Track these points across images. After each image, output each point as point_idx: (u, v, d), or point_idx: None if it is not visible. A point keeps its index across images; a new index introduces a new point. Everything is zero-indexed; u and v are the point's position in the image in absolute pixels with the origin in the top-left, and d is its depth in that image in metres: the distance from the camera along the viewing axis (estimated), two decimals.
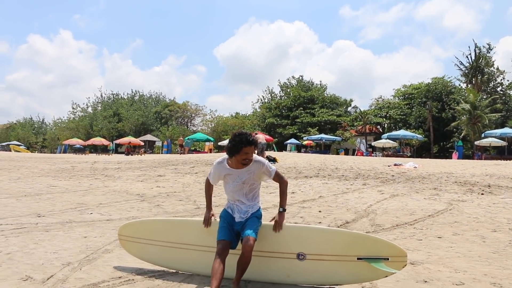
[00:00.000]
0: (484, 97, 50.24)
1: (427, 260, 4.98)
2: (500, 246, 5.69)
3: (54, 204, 8.96)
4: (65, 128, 74.99)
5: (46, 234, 6.07)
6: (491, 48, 54.88)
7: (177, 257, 4.40)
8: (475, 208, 8.55)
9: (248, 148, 3.89)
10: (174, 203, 9.36)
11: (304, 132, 53.96)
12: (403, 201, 9.42)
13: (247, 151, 3.89)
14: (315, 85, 66.25)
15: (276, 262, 4.08)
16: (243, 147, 3.87)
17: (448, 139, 52.21)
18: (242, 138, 3.88)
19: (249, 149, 3.90)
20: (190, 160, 22.13)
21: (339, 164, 20.44)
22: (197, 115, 79.69)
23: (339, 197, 10.03)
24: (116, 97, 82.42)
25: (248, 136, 3.91)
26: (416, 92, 56.17)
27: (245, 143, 3.87)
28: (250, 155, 3.94)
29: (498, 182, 12.78)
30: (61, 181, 13.28)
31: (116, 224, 6.63)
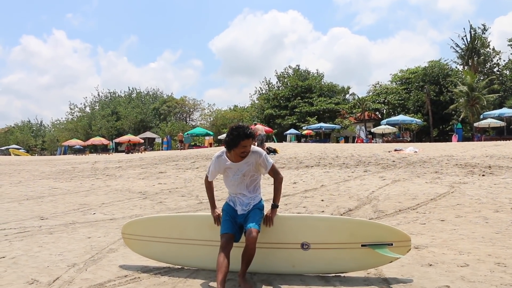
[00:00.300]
0: (481, 78, 50.12)
1: (431, 243, 4.99)
2: (503, 226, 5.71)
3: (56, 206, 8.97)
4: (64, 129, 74.95)
5: (50, 237, 6.08)
6: (486, 29, 54.68)
7: (181, 253, 4.40)
8: (477, 190, 8.57)
9: (246, 141, 3.89)
10: (176, 199, 9.38)
11: (303, 122, 53.92)
12: (405, 186, 9.44)
13: (245, 144, 3.89)
14: (312, 74, 66.10)
15: (280, 253, 4.08)
16: (241, 140, 3.87)
17: (447, 122, 52.17)
18: (239, 132, 3.88)
19: (247, 142, 3.90)
20: (190, 155, 22.14)
21: (339, 152, 20.45)
22: (196, 109, 79.70)
23: (341, 185, 10.04)
24: (113, 96, 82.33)
25: (246, 129, 3.91)
26: (413, 76, 56.11)
27: (242, 137, 3.87)
28: (248, 148, 3.95)
29: (498, 163, 12.79)
30: (62, 183, 13.29)
31: (120, 223, 6.64)
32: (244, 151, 3.93)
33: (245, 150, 3.93)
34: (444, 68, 54.69)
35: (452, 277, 3.82)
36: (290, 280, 3.93)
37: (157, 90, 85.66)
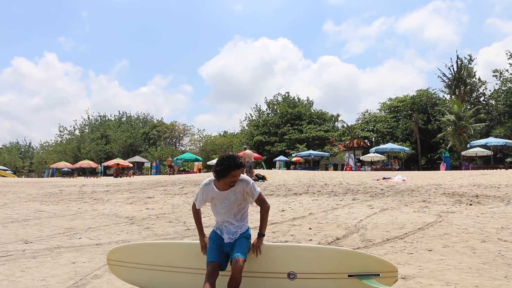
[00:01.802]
0: (468, 107, 50.98)
1: (418, 274, 4.98)
2: (490, 256, 5.72)
3: (41, 229, 8.84)
4: (53, 151, 74.42)
5: (33, 261, 5.98)
6: (472, 59, 55.94)
7: (167, 280, 4.35)
8: (464, 219, 8.60)
9: (236, 171, 3.89)
10: (163, 225, 9.29)
11: (292, 149, 54.12)
12: (393, 215, 9.45)
13: (235, 174, 3.89)
14: (302, 101, 66.67)
15: (267, 282, 4.04)
16: (232, 170, 3.87)
17: (435, 151, 52.70)
18: (230, 162, 3.87)
19: (237, 172, 3.90)
20: (179, 180, 22.03)
21: (328, 179, 20.48)
22: (185, 135, 79.71)
23: (329, 213, 10.03)
24: (103, 119, 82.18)
25: (236, 159, 3.91)
26: (402, 105, 56.87)
27: (233, 167, 3.86)
28: (237, 177, 3.95)
29: (485, 192, 12.88)
30: (48, 206, 13.12)
31: (105, 248, 6.55)
32: (234, 180, 3.93)
33: (235, 179, 3.93)
34: (431, 97, 55.60)
35: None
36: None
37: (147, 115, 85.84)
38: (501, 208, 9.81)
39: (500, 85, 52.34)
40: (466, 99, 54.28)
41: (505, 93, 50.88)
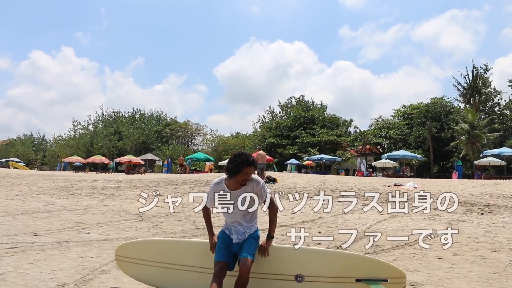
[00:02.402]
0: (482, 117, 50.50)
1: (427, 281, 4.93)
2: (500, 266, 5.65)
3: (51, 223, 8.90)
4: (65, 145, 75.08)
5: (42, 254, 6.02)
6: (488, 69, 55.36)
7: (174, 279, 4.35)
8: (475, 228, 8.51)
9: (248, 168, 3.89)
10: (173, 223, 9.31)
11: (304, 152, 53.97)
12: (403, 222, 9.38)
13: (247, 171, 3.89)
14: (315, 105, 66.55)
15: (274, 284, 4.03)
16: (244, 167, 3.87)
17: (447, 159, 52.23)
18: (243, 159, 3.88)
19: (249, 169, 3.90)
20: (190, 180, 22.08)
21: (339, 184, 20.40)
22: (198, 134, 79.85)
23: (339, 218, 9.98)
24: (117, 115, 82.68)
25: (249, 156, 3.92)
26: (416, 112, 56.45)
27: (246, 164, 3.87)
28: (250, 175, 3.94)
29: (497, 202, 12.73)
30: (59, 199, 13.23)
31: (114, 244, 6.57)
32: (246, 178, 3.92)
33: (247, 177, 3.93)
34: (446, 106, 55.12)
35: None
36: None
37: (161, 113, 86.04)
38: None
39: None
40: (481, 109, 53.78)
41: None
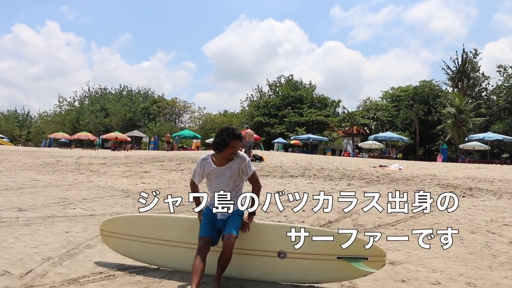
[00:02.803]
0: (469, 101, 50.90)
1: (406, 260, 5.05)
2: (477, 247, 5.80)
3: (36, 198, 8.89)
4: (51, 121, 74.29)
5: (26, 229, 6.03)
6: (477, 53, 55.66)
7: (158, 254, 4.40)
8: (456, 210, 8.66)
9: (235, 141, 3.94)
10: None
11: (291, 132, 54.10)
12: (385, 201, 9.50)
13: (234, 144, 3.94)
14: (304, 84, 66.47)
15: (257, 260, 4.10)
16: (231, 140, 3.92)
17: (433, 142, 52.77)
18: (229, 132, 3.94)
19: (236, 143, 3.95)
20: (176, 157, 22.08)
21: (325, 164, 20.54)
22: (185, 112, 79.49)
23: None
24: (104, 92, 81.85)
25: (235, 130, 3.99)
26: (404, 94, 56.77)
27: (232, 137, 3.93)
28: (236, 149, 3.98)
29: (479, 185, 12.96)
30: (44, 175, 13.17)
31: (99, 220, 6.60)
32: (233, 152, 3.96)
33: (234, 151, 3.97)
34: (434, 89, 55.46)
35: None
36: (264, 287, 3.94)
37: (148, 90, 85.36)
38: (493, 202, 9.89)
39: (503, 81, 52.15)
40: (468, 93, 54.20)
41: (507, 89, 50.73)
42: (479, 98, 52.82)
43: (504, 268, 4.91)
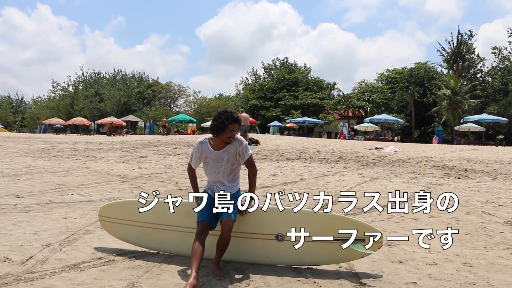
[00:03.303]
0: (464, 83, 50.88)
1: (403, 242, 5.10)
2: (473, 228, 5.87)
3: (33, 185, 8.89)
4: (45, 107, 73.74)
5: (25, 215, 6.05)
6: (472, 35, 55.44)
7: (157, 238, 4.43)
8: (452, 192, 8.73)
9: (233, 125, 3.94)
10: (155, 184, 9.37)
11: (287, 115, 54.01)
12: (383, 184, 9.58)
13: (232, 128, 3.94)
14: (299, 67, 66.21)
15: (255, 243, 4.15)
16: (229, 123, 3.92)
17: (429, 124, 52.84)
18: (227, 116, 3.95)
19: (234, 126, 3.95)
20: (172, 141, 22.06)
21: (321, 147, 20.60)
22: (180, 96, 79.09)
23: (320, 180, 10.14)
24: (98, 76, 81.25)
25: (233, 113, 4.01)
26: (399, 76, 56.63)
27: (230, 120, 3.93)
28: (234, 133, 3.99)
29: (474, 167, 13.05)
30: (40, 162, 13.14)
31: (97, 205, 6.62)
32: (231, 136, 3.96)
33: (232, 135, 3.97)
34: (429, 71, 55.37)
35: (420, 274, 3.94)
36: (263, 270, 3.99)
37: (143, 74, 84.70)
38: (488, 183, 9.97)
39: (498, 63, 52.08)
40: (463, 75, 54.11)
41: (502, 70, 50.67)
42: (474, 80, 52.78)
43: (499, 248, 4.98)
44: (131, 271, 3.91)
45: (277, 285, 3.63)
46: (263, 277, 3.82)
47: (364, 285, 3.65)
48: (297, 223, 4.00)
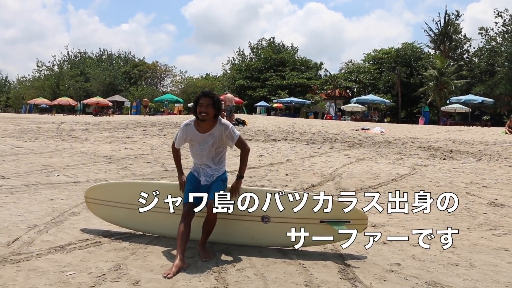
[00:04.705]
0: (451, 64, 51.06)
1: (388, 222, 5.19)
2: (457, 209, 5.95)
3: (19, 166, 8.82)
4: (30, 87, 72.70)
5: (11, 197, 6.01)
6: (459, 15, 55.51)
7: (143, 220, 4.43)
8: (437, 173, 8.86)
9: (203, 98, 3.96)
10: (142, 165, 9.35)
11: (274, 95, 53.90)
12: (369, 165, 9.66)
13: (201, 102, 3.95)
14: (286, 47, 65.87)
15: (241, 225, 4.17)
16: (198, 98, 3.98)
17: (415, 105, 53.15)
18: (199, 94, 4.03)
19: (203, 100, 3.95)
20: (158, 121, 21.96)
21: (307, 127, 20.66)
22: (167, 75, 78.42)
23: (306, 161, 10.20)
24: (83, 56, 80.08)
25: (205, 90, 4.09)
26: (386, 57, 56.68)
27: (201, 95, 4.00)
28: (205, 108, 3.95)
29: (459, 148, 13.21)
30: (26, 142, 13.02)
31: (83, 187, 6.60)
32: (202, 111, 3.94)
33: (203, 110, 3.94)
34: (416, 51, 55.46)
35: (404, 255, 4.01)
36: (249, 251, 4.03)
37: (129, 53, 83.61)
38: (473, 164, 10.11)
39: (485, 43, 52.29)
40: (450, 55, 54.30)
41: (488, 51, 50.91)
42: (460, 60, 53.02)
43: (482, 229, 5.07)
44: (118, 252, 3.92)
45: (262, 266, 3.67)
46: (249, 258, 3.85)
47: (348, 266, 3.71)
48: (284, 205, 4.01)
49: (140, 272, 3.44)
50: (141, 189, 4.49)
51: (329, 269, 3.65)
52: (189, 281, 3.29)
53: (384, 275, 3.53)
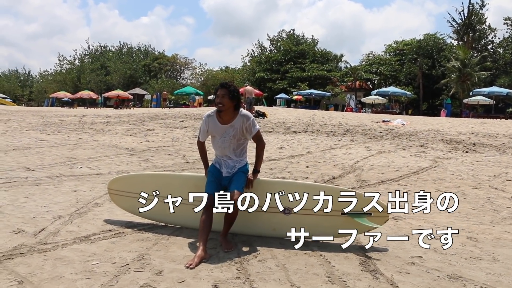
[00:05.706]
0: (474, 55, 50.08)
1: (409, 215, 5.13)
2: (479, 202, 5.88)
3: (43, 158, 8.98)
4: (52, 80, 73.68)
5: (36, 188, 6.13)
6: (484, 4, 54.27)
7: (166, 211, 4.47)
8: (459, 166, 8.75)
9: (220, 90, 3.99)
10: (163, 157, 9.43)
11: (294, 87, 53.68)
12: (390, 158, 9.58)
13: (218, 93, 3.99)
14: (306, 39, 65.45)
15: (262, 216, 4.18)
16: (217, 90, 4.02)
17: (437, 97, 52.34)
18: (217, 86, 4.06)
19: (220, 91, 3.99)
20: (179, 114, 22.09)
21: (328, 120, 20.55)
22: (187, 68, 78.64)
23: (327, 153, 10.17)
24: (103, 50, 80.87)
25: (223, 83, 4.08)
26: (407, 48, 55.84)
27: (218, 86, 4.04)
28: (222, 98, 3.98)
29: (483, 141, 13.00)
30: (49, 135, 13.25)
31: (106, 178, 6.70)
32: (219, 102, 3.98)
33: (219, 101, 3.98)
34: (438, 42, 54.49)
35: (425, 248, 3.98)
36: (269, 242, 4.05)
37: (149, 46, 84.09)
38: (496, 157, 9.95)
39: (510, 34, 51.06)
40: (474, 46, 53.20)
41: None
42: (484, 51, 51.95)
43: (505, 223, 5.00)
44: (141, 243, 3.98)
45: (283, 257, 3.69)
46: (270, 249, 3.88)
47: (370, 258, 3.70)
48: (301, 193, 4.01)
49: (163, 262, 3.50)
50: (163, 180, 4.56)
51: (350, 261, 3.65)
52: (211, 271, 3.33)
53: (405, 267, 3.52)
